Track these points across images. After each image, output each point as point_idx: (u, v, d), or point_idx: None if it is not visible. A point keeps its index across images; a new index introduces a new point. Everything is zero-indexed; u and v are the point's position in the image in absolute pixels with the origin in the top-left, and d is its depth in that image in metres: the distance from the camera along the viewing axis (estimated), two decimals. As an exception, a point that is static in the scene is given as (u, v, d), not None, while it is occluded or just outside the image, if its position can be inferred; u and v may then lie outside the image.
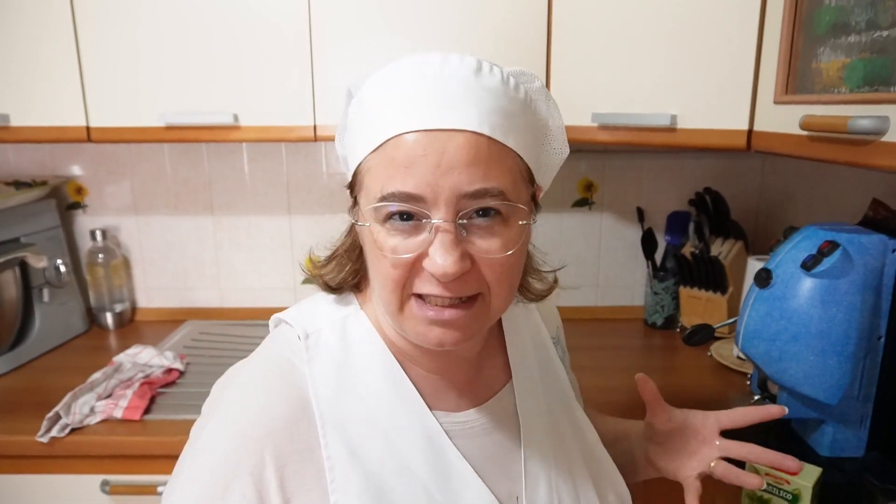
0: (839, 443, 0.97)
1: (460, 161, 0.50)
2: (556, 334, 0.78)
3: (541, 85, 0.59)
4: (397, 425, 0.58)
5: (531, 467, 0.64)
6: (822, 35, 0.84)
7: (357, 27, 1.26)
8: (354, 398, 0.58)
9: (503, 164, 0.52)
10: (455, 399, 0.63)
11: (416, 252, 0.52)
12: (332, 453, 0.55)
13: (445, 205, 0.50)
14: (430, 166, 0.50)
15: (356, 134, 0.56)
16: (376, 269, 0.55)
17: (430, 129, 0.50)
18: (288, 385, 0.58)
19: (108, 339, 1.62)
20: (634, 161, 1.67)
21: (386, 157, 0.52)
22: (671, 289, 1.62)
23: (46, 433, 1.13)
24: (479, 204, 0.51)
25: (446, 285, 0.52)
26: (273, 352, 0.62)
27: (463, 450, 0.60)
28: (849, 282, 0.90)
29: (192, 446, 0.57)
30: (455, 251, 0.50)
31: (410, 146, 0.50)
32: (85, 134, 1.32)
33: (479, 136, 0.51)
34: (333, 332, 0.61)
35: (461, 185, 0.50)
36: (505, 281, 0.55)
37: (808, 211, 1.47)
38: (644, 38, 1.12)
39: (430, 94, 0.52)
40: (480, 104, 0.52)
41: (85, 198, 1.70)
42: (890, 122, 0.68)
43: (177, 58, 1.28)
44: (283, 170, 1.68)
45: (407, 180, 0.50)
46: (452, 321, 0.53)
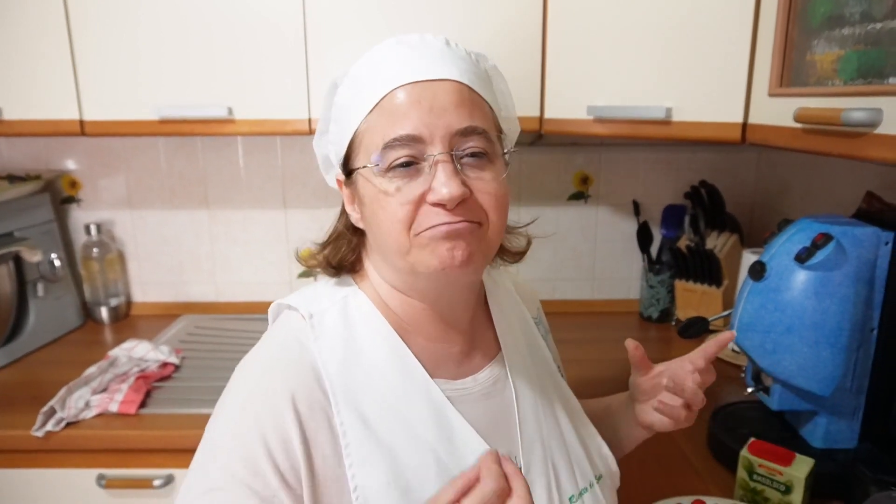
0: (832, 434, 0.98)
1: (449, 103, 0.58)
2: (536, 315, 0.83)
3: (494, 64, 0.67)
4: (403, 394, 0.62)
5: (526, 428, 0.68)
6: (817, 27, 0.84)
7: (352, 19, 1.25)
8: (361, 371, 0.62)
9: (481, 109, 0.61)
10: (453, 368, 0.67)
11: (420, 189, 0.58)
12: (344, 420, 0.59)
13: (441, 141, 0.57)
14: (424, 110, 0.57)
15: (348, 110, 0.62)
16: (382, 217, 0.59)
17: (419, 80, 0.58)
18: (299, 360, 0.61)
19: (104, 334, 1.62)
20: (630, 154, 1.67)
21: (384, 111, 0.59)
22: (667, 282, 1.63)
23: (41, 427, 1.13)
24: (468, 141, 0.59)
25: (453, 211, 0.57)
26: (281, 334, 0.65)
27: (465, 414, 0.64)
28: (842, 274, 0.90)
29: (216, 417, 0.61)
30: (456, 178, 0.57)
31: (406, 96, 0.58)
32: (79, 127, 1.31)
33: (462, 85, 0.60)
34: (335, 311, 0.65)
35: (452, 123, 0.58)
36: (499, 209, 0.61)
37: (802, 204, 1.47)
38: (639, 31, 1.12)
39: (415, 55, 0.60)
40: (457, 64, 0.61)
41: (79, 192, 1.69)
42: (883, 114, 0.68)
43: (171, 51, 1.27)
44: (278, 163, 1.68)
45: (406, 123, 0.57)
46: (462, 234, 0.58)
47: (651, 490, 0.90)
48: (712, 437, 1.06)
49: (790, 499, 0.87)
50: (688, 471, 1.02)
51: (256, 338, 0.68)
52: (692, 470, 1.02)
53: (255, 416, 0.57)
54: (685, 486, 0.96)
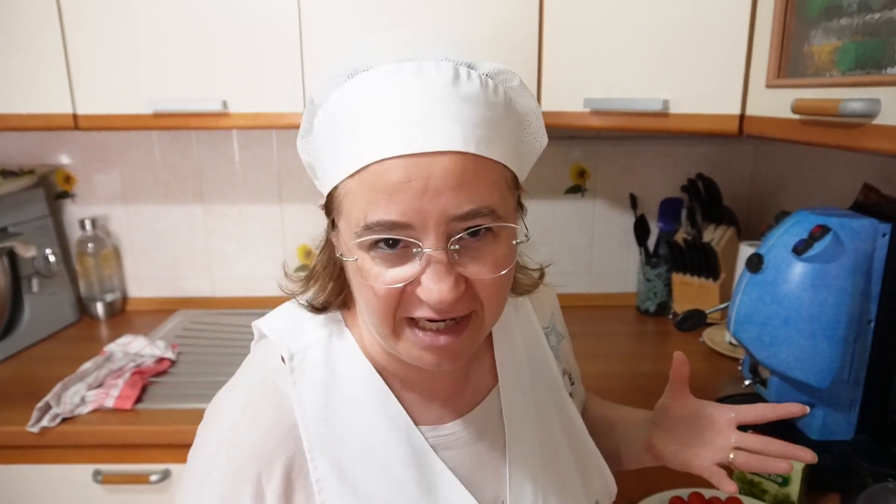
0: (829, 426, 0.98)
1: (447, 184, 0.47)
2: (549, 323, 0.76)
3: (519, 82, 0.55)
4: (384, 444, 0.59)
5: (516, 472, 0.64)
6: (815, 18, 0.84)
7: (347, 11, 1.24)
8: (341, 419, 0.59)
9: (490, 179, 0.50)
10: (440, 409, 0.63)
11: (407, 276, 0.50)
12: (320, 476, 0.56)
13: (435, 231, 0.48)
14: (415, 192, 0.47)
15: (326, 152, 0.53)
16: (364, 295, 0.53)
17: (412, 153, 0.47)
18: (276, 412, 0.58)
19: (99, 329, 1.61)
20: (627, 148, 1.67)
21: (366, 183, 0.49)
22: (664, 275, 1.62)
23: (37, 423, 1.13)
24: (468, 224, 0.49)
25: (440, 310, 0.50)
26: (258, 376, 0.62)
27: (449, 461, 0.61)
28: (839, 266, 0.90)
29: (189, 475, 0.59)
30: (449, 278, 0.49)
31: (392, 172, 0.47)
32: (72, 121, 1.30)
33: (465, 156, 0.48)
34: (318, 351, 0.61)
35: (449, 209, 0.48)
36: (498, 297, 0.54)
37: (799, 196, 1.47)
38: (636, 23, 1.11)
39: (409, 112, 0.48)
40: (462, 118, 0.49)
41: (73, 186, 1.68)
42: (881, 104, 0.68)
43: (165, 44, 1.26)
44: (273, 157, 1.67)
45: (391, 208, 0.47)
46: (447, 346, 0.52)
47: (648, 482, 0.90)
48: (709, 429, 1.06)
49: (787, 491, 0.87)
50: (685, 463, 1.01)
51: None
52: (689, 462, 1.01)
53: (226, 478, 0.56)
54: (683, 478, 0.95)
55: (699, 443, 0.69)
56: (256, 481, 0.55)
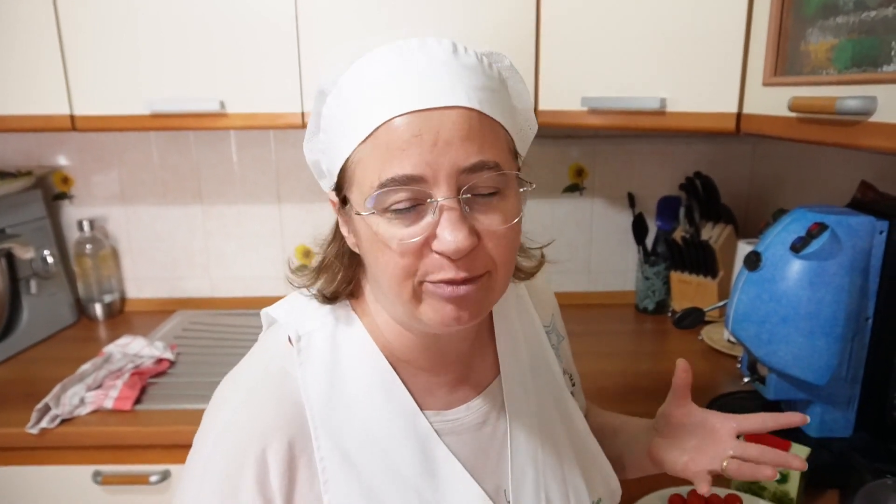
0: (827, 423, 0.98)
1: (455, 137, 0.50)
2: (549, 322, 0.77)
3: (510, 63, 0.59)
4: (387, 427, 0.60)
5: (518, 460, 0.65)
6: (811, 16, 0.84)
7: (345, 10, 1.24)
8: (345, 403, 0.59)
9: (494, 136, 0.53)
10: (445, 396, 0.64)
11: (422, 235, 0.51)
12: (324, 455, 0.57)
13: (446, 182, 0.50)
14: (426, 145, 0.50)
15: (337, 130, 0.55)
16: (381, 263, 0.53)
17: (421, 108, 0.50)
18: (282, 394, 0.59)
19: (98, 331, 1.61)
20: (625, 146, 1.67)
21: (378, 145, 0.51)
22: (662, 273, 1.63)
23: (36, 424, 1.13)
24: (477, 178, 0.51)
25: (458, 264, 0.52)
26: (265, 359, 0.63)
27: (452, 447, 0.61)
28: (837, 263, 0.90)
29: (193, 458, 0.59)
30: (464, 226, 0.50)
31: (404, 128, 0.50)
32: (69, 122, 1.30)
33: (471, 111, 0.51)
34: (324, 335, 0.62)
35: (459, 161, 0.50)
36: (509, 255, 0.55)
37: (797, 194, 1.48)
38: (633, 22, 1.11)
39: (415, 75, 0.51)
40: (465, 81, 0.52)
41: (71, 188, 1.68)
42: (878, 102, 0.68)
43: (162, 44, 1.26)
44: (271, 157, 1.67)
45: (405, 162, 0.50)
46: (467, 298, 0.53)
47: (647, 481, 0.90)
48: (708, 427, 1.06)
49: (786, 488, 0.87)
50: (684, 461, 1.01)
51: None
52: (688, 460, 1.02)
53: (229, 460, 0.56)
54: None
55: (699, 451, 0.70)
56: (261, 460, 0.56)
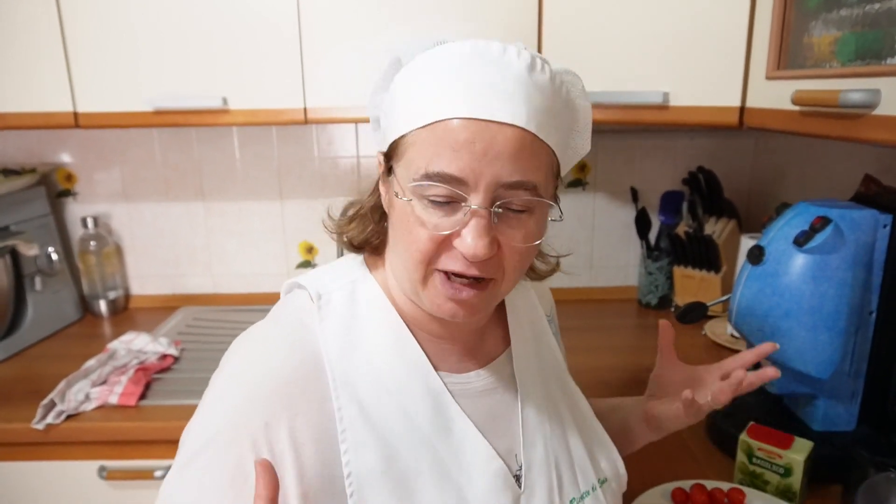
0: (830, 417, 0.98)
1: (505, 153, 0.53)
2: (550, 313, 0.81)
3: (583, 87, 0.62)
4: (403, 384, 0.61)
5: (528, 427, 0.67)
6: (814, 9, 0.83)
7: (346, 7, 1.24)
8: (362, 357, 0.61)
9: (540, 159, 0.56)
10: (457, 362, 0.66)
11: (451, 230, 0.55)
12: (342, 405, 0.58)
13: (485, 191, 0.53)
14: (476, 153, 0.53)
15: (403, 105, 0.58)
16: (407, 240, 0.57)
17: (483, 118, 0.53)
18: (300, 342, 0.60)
19: (102, 327, 1.61)
20: (628, 141, 1.67)
21: (435, 136, 0.54)
22: (665, 268, 1.63)
23: (42, 420, 1.13)
24: (513, 194, 0.55)
25: (471, 265, 0.55)
26: (285, 312, 0.65)
27: (465, 408, 0.63)
28: (840, 257, 0.90)
29: (206, 397, 0.60)
30: (487, 236, 0.54)
31: (461, 131, 0.53)
32: (72, 120, 1.30)
33: (526, 132, 0.54)
34: (344, 293, 0.64)
35: (502, 176, 0.53)
36: (519, 269, 0.59)
37: (800, 188, 1.47)
38: (636, 16, 1.11)
39: (488, 82, 0.54)
40: (531, 101, 0.54)
41: (75, 185, 1.68)
42: (881, 95, 0.68)
43: (164, 41, 1.26)
44: (274, 154, 1.67)
45: (453, 163, 0.53)
46: (467, 301, 0.57)
47: (651, 475, 0.91)
48: (711, 421, 1.06)
49: (789, 482, 0.87)
50: (687, 456, 1.02)
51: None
52: (691, 454, 1.02)
53: (245, 402, 0.57)
54: (685, 470, 0.96)
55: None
56: (270, 401, 0.56)
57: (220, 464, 0.55)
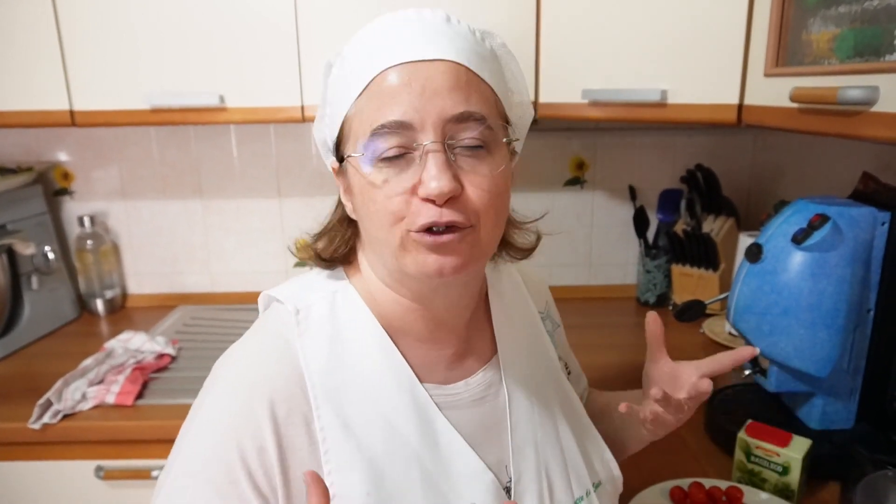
0: (829, 415, 0.98)
1: (443, 86, 0.53)
2: (544, 309, 0.79)
3: (503, 42, 0.62)
4: (388, 397, 0.60)
5: (518, 436, 0.65)
6: (813, 5, 0.83)
7: (343, 4, 1.23)
8: (345, 371, 0.60)
9: (481, 93, 0.56)
10: (444, 372, 0.64)
11: (409, 182, 0.54)
12: (325, 424, 0.57)
13: (433, 128, 0.53)
14: (415, 93, 0.53)
15: (340, 93, 0.59)
16: (372, 209, 0.56)
17: (412, 60, 0.54)
18: (282, 359, 0.59)
19: (99, 326, 1.61)
20: (626, 139, 1.66)
21: (372, 94, 0.55)
22: (663, 266, 1.62)
23: (38, 420, 1.13)
24: (463, 128, 0.54)
25: (442, 210, 0.53)
26: (266, 329, 0.63)
27: (453, 420, 0.62)
28: (839, 255, 0.90)
29: (192, 419, 0.59)
30: (447, 171, 0.53)
31: (395, 78, 0.54)
32: (69, 118, 1.30)
33: (458, 66, 0.55)
34: (324, 306, 0.63)
35: (446, 109, 0.53)
36: (493, 206, 0.56)
37: (798, 186, 1.47)
38: (633, 13, 1.11)
39: (409, 33, 0.55)
40: (455, 42, 0.56)
41: (72, 183, 1.68)
42: (880, 91, 0.67)
43: (161, 39, 1.25)
44: (271, 151, 1.66)
45: (394, 108, 0.53)
46: (451, 245, 0.55)
47: (649, 473, 0.91)
48: (710, 419, 1.06)
49: (787, 480, 0.87)
50: (685, 453, 1.02)
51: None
52: (689, 452, 1.02)
53: (231, 422, 0.56)
54: (683, 468, 0.96)
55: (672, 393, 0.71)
56: (259, 424, 0.55)
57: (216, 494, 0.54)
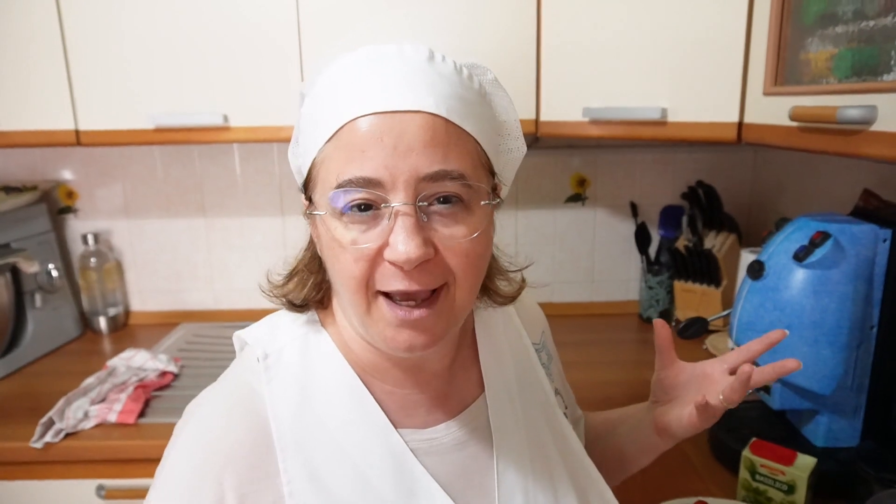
0: (834, 433, 0.97)
1: (418, 142, 0.49)
2: (540, 340, 0.75)
3: (494, 77, 0.58)
4: (361, 446, 0.56)
5: (505, 482, 0.61)
6: (810, 25, 0.84)
7: (344, 23, 1.25)
8: (316, 419, 0.56)
9: (462, 147, 0.51)
10: (424, 415, 0.60)
11: (377, 243, 0.50)
12: (292, 478, 0.54)
13: (404, 188, 0.49)
14: (387, 149, 0.48)
15: (309, 131, 0.54)
16: (337, 268, 0.52)
17: (386, 111, 0.49)
18: (247, 410, 0.56)
19: (102, 344, 1.61)
20: (627, 156, 1.67)
21: (341, 144, 0.50)
22: (665, 283, 1.62)
23: (40, 439, 1.13)
24: (439, 187, 0.50)
25: (410, 275, 0.50)
26: (233, 376, 0.61)
27: (432, 468, 0.58)
28: (841, 272, 0.90)
29: (157, 478, 0.56)
30: (417, 235, 0.48)
31: (367, 129, 0.49)
32: (74, 137, 1.31)
33: (437, 118, 0.50)
34: (294, 350, 0.60)
35: (420, 167, 0.49)
36: (470, 270, 0.52)
37: (799, 203, 1.47)
38: (634, 32, 1.12)
39: (385, 77, 0.51)
40: (436, 88, 0.51)
41: (76, 202, 1.69)
42: (878, 111, 0.68)
43: (165, 59, 1.27)
44: (275, 170, 1.67)
45: (364, 164, 0.49)
46: (421, 322, 0.51)
47: (653, 492, 0.90)
48: (714, 437, 1.05)
49: (793, 499, 0.86)
50: (690, 472, 1.01)
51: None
52: (694, 471, 1.01)
53: (189, 485, 0.53)
54: (687, 487, 0.95)
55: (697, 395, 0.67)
56: (219, 481, 0.53)
57: None
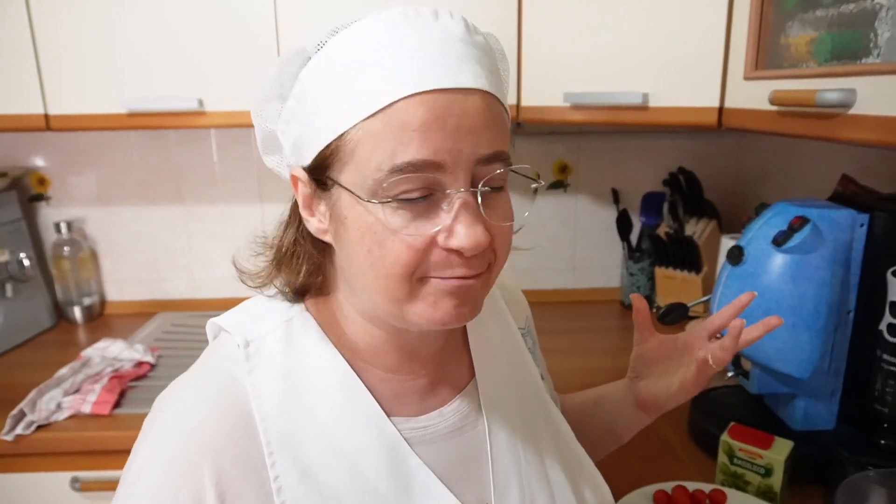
0: (811, 417, 0.98)
1: (480, 123, 0.47)
2: (525, 325, 0.74)
3: (501, 47, 0.58)
4: (352, 437, 0.54)
5: (500, 469, 0.60)
6: (791, 10, 0.84)
7: (323, 7, 1.22)
8: (304, 410, 0.53)
9: (504, 125, 0.50)
10: (416, 403, 0.58)
11: (434, 228, 0.47)
12: (280, 473, 0.51)
13: (464, 172, 0.47)
14: (449, 131, 0.45)
15: (324, 100, 0.49)
16: (377, 255, 0.48)
17: (444, 88, 0.46)
18: (227, 400, 0.52)
19: (77, 334, 1.58)
20: (609, 142, 1.67)
21: (391, 124, 0.46)
22: (647, 269, 1.63)
23: (11, 431, 1.10)
24: (490, 170, 0.48)
25: (469, 262, 0.48)
26: (211, 364, 0.57)
27: (426, 457, 0.56)
28: (819, 256, 0.90)
29: (128, 471, 0.52)
30: (481, 222, 0.47)
31: (425, 110, 0.45)
32: (44, 122, 1.27)
33: (489, 96, 0.48)
34: (277, 338, 0.56)
35: (479, 149, 0.47)
36: (506, 252, 0.53)
37: (780, 189, 1.48)
38: (615, 17, 1.11)
39: (433, 49, 0.47)
40: (482, 62, 0.49)
41: (48, 189, 1.65)
42: (857, 94, 0.68)
43: (138, 42, 1.23)
44: (253, 157, 1.64)
45: (424, 146, 0.45)
46: (471, 291, 0.50)
47: (633, 477, 0.90)
48: (693, 422, 1.06)
49: (770, 482, 0.87)
50: (669, 457, 1.02)
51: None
52: (674, 456, 1.02)
53: (165, 480, 0.49)
54: (667, 472, 0.96)
55: (681, 365, 0.69)
56: (198, 480, 0.49)
57: None
